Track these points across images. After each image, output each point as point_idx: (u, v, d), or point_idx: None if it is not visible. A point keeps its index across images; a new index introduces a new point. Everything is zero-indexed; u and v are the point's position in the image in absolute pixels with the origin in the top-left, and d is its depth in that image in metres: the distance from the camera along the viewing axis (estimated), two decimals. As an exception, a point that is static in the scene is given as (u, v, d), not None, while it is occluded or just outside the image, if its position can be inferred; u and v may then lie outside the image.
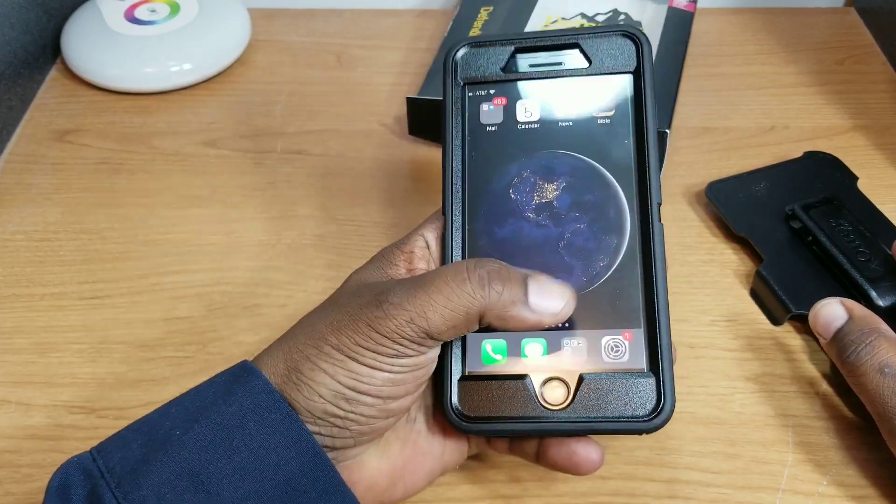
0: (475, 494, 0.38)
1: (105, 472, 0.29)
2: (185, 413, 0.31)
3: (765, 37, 0.65)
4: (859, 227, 0.45)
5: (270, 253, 0.49)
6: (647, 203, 0.35)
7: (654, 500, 0.38)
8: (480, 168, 0.37)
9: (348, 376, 0.31)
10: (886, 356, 0.36)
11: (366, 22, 0.67)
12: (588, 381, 0.33)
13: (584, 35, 0.37)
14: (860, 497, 0.37)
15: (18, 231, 0.50)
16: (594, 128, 0.36)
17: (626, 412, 0.32)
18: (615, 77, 0.37)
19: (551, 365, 0.34)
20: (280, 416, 0.30)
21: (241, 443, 0.30)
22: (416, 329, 0.31)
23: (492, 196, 0.36)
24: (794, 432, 0.40)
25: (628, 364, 0.33)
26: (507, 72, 0.37)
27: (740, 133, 0.56)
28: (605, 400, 0.33)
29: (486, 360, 0.34)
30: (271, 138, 0.57)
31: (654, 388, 0.33)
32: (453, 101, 0.37)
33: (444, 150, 0.37)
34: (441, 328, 0.31)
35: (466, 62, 0.38)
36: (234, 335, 0.44)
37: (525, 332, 0.34)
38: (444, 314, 0.31)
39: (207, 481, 0.29)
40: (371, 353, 0.31)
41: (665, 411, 0.32)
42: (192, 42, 0.60)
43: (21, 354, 0.44)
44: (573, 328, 0.34)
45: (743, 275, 0.47)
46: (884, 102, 0.59)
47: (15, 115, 0.57)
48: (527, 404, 0.33)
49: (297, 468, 0.30)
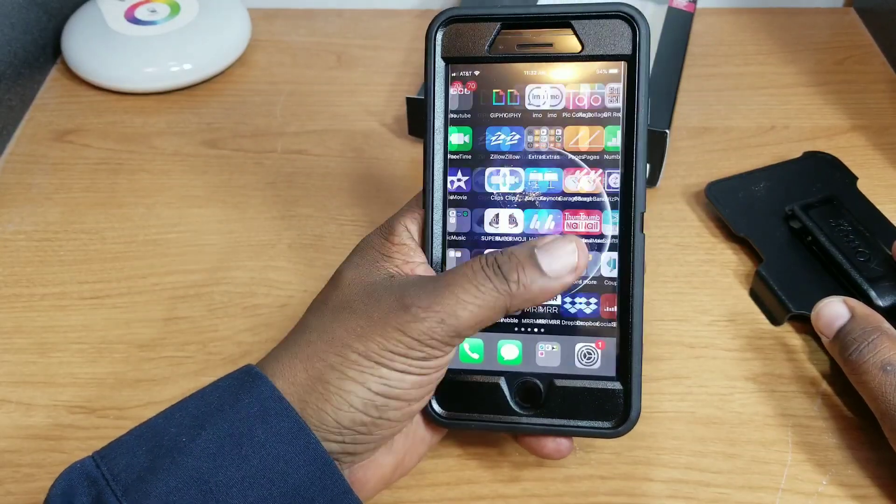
0: (475, 494, 0.38)
1: (110, 480, 0.29)
2: (191, 419, 0.31)
3: (764, 37, 0.65)
4: (859, 227, 0.45)
5: (270, 253, 0.49)
6: (631, 212, 0.34)
7: (654, 500, 0.38)
8: (461, 155, 0.36)
9: (379, 382, 0.31)
10: (888, 354, 0.36)
11: (366, 22, 0.67)
12: (560, 385, 0.34)
13: (577, 14, 0.34)
14: (860, 497, 0.37)
15: (19, 231, 0.50)
16: (582, 118, 0.35)
17: (594, 417, 0.34)
18: (608, 63, 0.34)
19: (526, 367, 0.35)
20: (289, 424, 0.30)
21: (249, 450, 0.30)
22: (447, 329, 0.31)
23: (471, 186, 0.35)
24: (793, 432, 0.40)
25: (599, 371, 0.34)
26: (493, 51, 0.35)
27: (740, 133, 0.56)
28: (574, 404, 0.34)
29: (464, 359, 0.35)
30: (271, 138, 0.57)
31: (622, 396, 0.34)
32: (435, 80, 0.35)
33: (424, 132, 0.35)
34: (471, 324, 0.31)
35: (449, 38, 0.35)
36: (234, 335, 0.44)
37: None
38: (473, 311, 0.31)
39: (216, 489, 0.29)
40: (401, 358, 0.31)
41: (631, 419, 0.34)
42: (192, 42, 0.60)
43: (21, 354, 0.44)
44: (548, 332, 0.35)
45: (743, 275, 0.47)
46: (883, 102, 0.59)
47: (15, 115, 0.57)
48: (500, 404, 0.34)
49: (305, 476, 0.30)
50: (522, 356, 0.35)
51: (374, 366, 0.31)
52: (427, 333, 0.31)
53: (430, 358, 0.32)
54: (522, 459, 0.39)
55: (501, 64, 0.35)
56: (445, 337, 0.31)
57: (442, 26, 0.35)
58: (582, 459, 0.39)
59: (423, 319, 0.31)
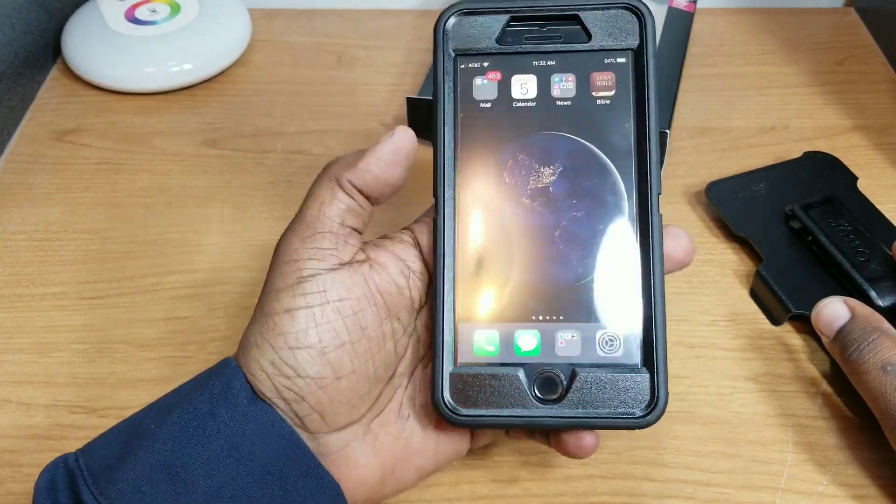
0: (475, 494, 0.38)
1: (84, 471, 0.30)
2: (162, 408, 0.31)
3: (765, 37, 0.65)
4: (859, 227, 0.45)
5: (270, 253, 0.49)
6: (647, 193, 0.34)
7: (654, 499, 0.38)
8: (473, 148, 0.35)
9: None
10: (889, 354, 0.36)
11: (366, 22, 0.67)
12: (581, 375, 0.33)
13: (585, 6, 0.35)
14: (860, 497, 0.37)
15: (19, 231, 0.50)
16: (593, 108, 0.35)
17: (619, 408, 0.32)
18: (616, 54, 0.35)
19: (545, 358, 0.33)
20: (252, 402, 0.30)
21: (213, 431, 0.30)
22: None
23: (485, 179, 0.35)
24: (793, 432, 0.40)
25: (622, 359, 0.33)
26: (501, 43, 0.35)
27: (740, 133, 0.56)
28: (598, 395, 0.33)
29: (479, 352, 0.34)
30: (271, 138, 0.57)
31: (648, 383, 0.32)
32: (444, 73, 0.35)
33: (434, 127, 0.35)
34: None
35: (458, 31, 0.35)
36: (234, 335, 0.44)
37: None
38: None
39: (182, 472, 0.29)
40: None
41: (658, 407, 0.32)
42: (192, 42, 0.60)
43: (22, 354, 0.44)
44: (567, 320, 0.34)
45: (743, 275, 0.47)
46: (884, 102, 0.59)
47: (16, 115, 0.57)
48: (519, 397, 0.33)
49: (273, 454, 0.30)
50: (541, 346, 0.34)
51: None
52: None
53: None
54: (523, 459, 0.39)
55: (508, 55, 0.35)
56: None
57: (451, 18, 0.35)
58: (582, 459, 0.39)
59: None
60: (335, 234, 0.33)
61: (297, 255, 0.33)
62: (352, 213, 0.33)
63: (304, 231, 0.33)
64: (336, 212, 0.33)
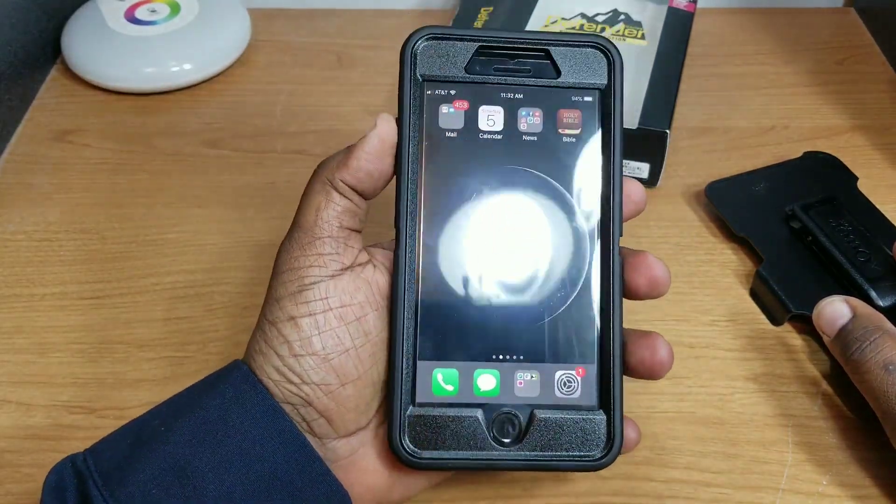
0: (475, 494, 0.38)
1: (94, 471, 0.30)
2: (171, 410, 0.31)
3: (764, 37, 0.65)
4: (859, 227, 0.45)
5: (270, 253, 0.48)
6: (609, 234, 0.34)
7: (654, 500, 0.38)
8: (437, 178, 0.34)
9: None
10: (891, 354, 0.36)
11: (366, 22, 0.67)
12: (540, 417, 0.33)
13: (554, 42, 0.34)
14: (861, 497, 0.37)
15: (19, 231, 0.50)
16: (559, 145, 0.34)
17: (577, 450, 0.33)
18: (584, 92, 0.35)
19: (504, 398, 0.33)
20: (263, 407, 0.30)
21: (224, 435, 0.30)
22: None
23: (448, 212, 0.34)
24: (794, 432, 0.40)
25: (580, 400, 0.33)
26: (470, 72, 0.34)
27: (740, 133, 0.56)
28: (556, 437, 0.33)
29: (437, 391, 0.33)
30: (271, 138, 0.57)
31: (604, 425, 0.33)
32: (411, 98, 0.34)
33: (397, 155, 0.34)
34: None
35: (427, 56, 0.34)
36: (234, 335, 0.44)
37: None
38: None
39: (193, 475, 0.29)
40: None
41: (614, 450, 0.32)
42: (192, 42, 0.60)
43: (21, 354, 0.44)
44: (527, 361, 0.33)
45: (743, 275, 0.47)
46: (883, 102, 0.59)
47: (15, 115, 0.57)
48: (478, 439, 0.33)
49: (282, 459, 0.30)
50: (500, 387, 0.33)
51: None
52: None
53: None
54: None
55: (477, 84, 0.35)
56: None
57: (420, 42, 0.34)
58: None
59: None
60: (335, 237, 0.33)
61: (297, 262, 0.33)
62: (348, 213, 0.33)
63: (304, 238, 0.33)
64: (333, 215, 0.33)
